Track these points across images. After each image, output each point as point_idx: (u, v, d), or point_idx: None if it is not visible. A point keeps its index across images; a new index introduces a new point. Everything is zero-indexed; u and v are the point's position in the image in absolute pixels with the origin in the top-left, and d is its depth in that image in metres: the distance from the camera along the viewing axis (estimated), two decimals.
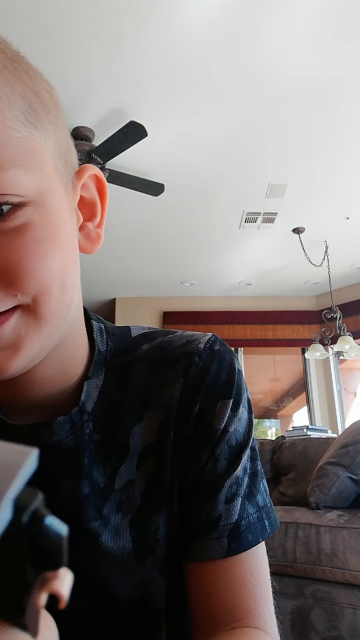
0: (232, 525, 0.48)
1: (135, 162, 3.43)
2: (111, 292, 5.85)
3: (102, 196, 0.47)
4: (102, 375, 0.50)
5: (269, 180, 3.69)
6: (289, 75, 2.73)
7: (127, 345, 0.54)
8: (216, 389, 0.50)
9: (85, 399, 0.48)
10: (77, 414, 0.48)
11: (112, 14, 2.35)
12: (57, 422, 0.47)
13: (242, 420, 0.51)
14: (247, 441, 0.51)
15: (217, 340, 0.54)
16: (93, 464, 0.49)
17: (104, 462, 0.49)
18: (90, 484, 0.48)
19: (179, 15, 2.35)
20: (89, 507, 0.48)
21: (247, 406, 0.52)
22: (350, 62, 2.64)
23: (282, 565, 1.92)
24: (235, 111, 3.00)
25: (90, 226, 0.47)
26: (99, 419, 0.49)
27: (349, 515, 1.90)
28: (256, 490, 0.51)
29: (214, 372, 0.51)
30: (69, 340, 0.46)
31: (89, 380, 0.49)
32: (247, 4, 2.30)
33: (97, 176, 0.46)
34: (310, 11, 2.34)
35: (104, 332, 0.53)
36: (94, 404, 0.49)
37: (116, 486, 0.49)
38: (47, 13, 2.34)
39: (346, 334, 4.39)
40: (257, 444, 2.94)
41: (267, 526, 0.50)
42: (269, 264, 5.10)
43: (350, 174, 3.60)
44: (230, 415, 0.50)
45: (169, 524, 0.50)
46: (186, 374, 0.51)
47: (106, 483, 0.49)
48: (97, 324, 0.53)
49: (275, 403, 6.61)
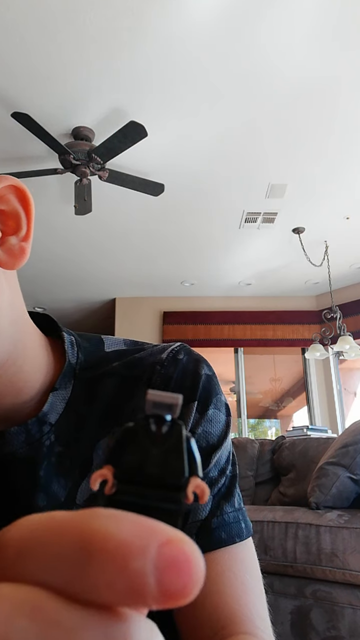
0: (200, 522, 0.48)
1: (135, 162, 3.43)
2: (111, 292, 5.85)
3: (25, 206, 0.43)
4: (70, 387, 0.49)
5: (269, 180, 3.69)
6: (289, 75, 2.73)
7: (98, 359, 0.53)
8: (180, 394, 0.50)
9: (49, 410, 0.48)
10: (34, 425, 0.47)
11: (112, 14, 2.35)
12: (9, 432, 0.46)
13: (214, 422, 0.50)
14: (220, 443, 0.50)
15: (182, 350, 0.53)
16: (53, 476, 0.48)
17: (66, 476, 0.48)
18: (47, 497, 0.47)
19: (179, 15, 2.35)
20: None
21: (221, 409, 0.51)
22: (350, 62, 2.64)
23: (282, 565, 1.92)
24: (235, 111, 3.00)
25: (13, 240, 0.42)
26: (63, 431, 0.48)
27: (349, 515, 1.90)
28: (234, 491, 0.51)
29: (176, 380, 0.51)
30: (12, 358, 0.44)
31: (55, 392, 0.48)
32: (247, 4, 2.30)
33: (15, 186, 0.43)
34: (310, 11, 2.34)
35: (75, 345, 0.52)
36: (58, 416, 0.48)
37: (78, 501, 0.48)
38: (47, 13, 2.34)
39: (346, 334, 4.39)
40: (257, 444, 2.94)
41: (244, 528, 0.49)
42: (269, 264, 5.10)
43: (351, 174, 3.60)
44: (197, 418, 0.49)
45: None
46: (149, 383, 0.50)
47: (67, 497, 0.48)
48: (68, 336, 0.52)
49: (275, 403, 6.61)
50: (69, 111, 2.99)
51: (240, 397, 5.71)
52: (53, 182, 3.65)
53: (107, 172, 3.25)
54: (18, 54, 2.56)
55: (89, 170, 3.16)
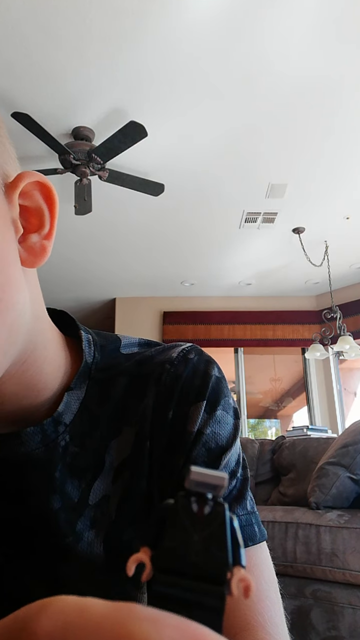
0: None
1: (135, 162, 3.43)
2: (111, 292, 5.85)
3: (50, 204, 0.42)
4: (84, 387, 0.49)
5: (269, 180, 3.69)
6: (289, 75, 2.73)
7: (113, 359, 0.52)
8: (189, 393, 0.49)
9: (64, 410, 0.47)
10: (50, 425, 0.46)
11: (113, 14, 2.35)
12: (26, 432, 0.45)
13: (222, 423, 0.49)
14: (229, 445, 0.49)
15: (192, 350, 0.53)
16: (67, 477, 0.47)
17: (79, 476, 0.48)
18: (62, 498, 0.47)
19: (179, 15, 2.35)
20: (60, 522, 0.46)
21: (229, 411, 0.50)
22: (350, 61, 2.64)
23: (282, 565, 1.92)
24: (235, 111, 3.00)
25: (35, 238, 0.42)
26: (77, 431, 0.48)
27: (349, 515, 1.90)
28: (246, 494, 0.50)
29: (186, 378, 0.50)
30: (32, 357, 0.44)
31: (70, 392, 0.48)
32: (247, 4, 2.30)
33: (41, 182, 0.42)
34: (310, 11, 2.34)
35: (92, 344, 0.52)
36: (73, 416, 0.48)
37: (90, 501, 0.48)
38: (47, 13, 2.34)
39: (346, 334, 4.39)
40: (258, 444, 2.95)
41: (257, 532, 0.48)
42: (269, 264, 5.10)
43: (351, 174, 3.60)
44: (205, 418, 0.48)
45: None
46: (158, 381, 0.50)
47: (80, 498, 0.47)
48: (85, 334, 0.51)
49: (275, 403, 6.61)
50: (69, 111, 2.99)
51: (240, 397, 5.71)
52: (53, 182, 3.65)
53: (107, 172, 3.25)
54: (18, 54, 2.56)
55: (89, 170, 3.16)
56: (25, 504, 0.47)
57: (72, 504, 0.47)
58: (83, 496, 0.47)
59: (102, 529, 0.47)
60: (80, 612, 0.14)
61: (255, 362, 6.10)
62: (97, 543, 0.47)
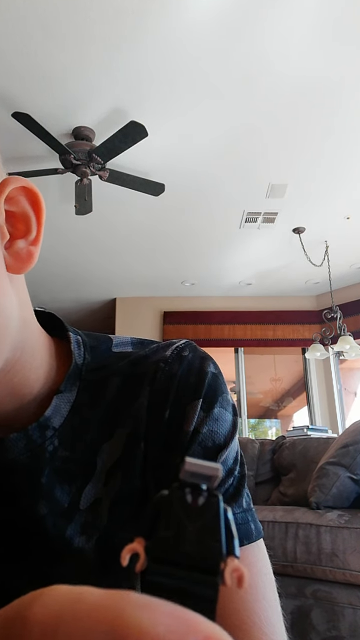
0: None
1: (135, 162, 3.43)
2: (111, 292, 5.85)
3: (36, 209, 0.42)
4: (75, 390, 0.47)
5: (269, 180, 3.69)
6: (289, 75, 2.73)
7: (105, 359, 0.51)
8: (185, 392, 0.48)
9: (52, 414, 0.46)
10: (35, 431, 0.45)
11: (113, 14, 2.35)
12: (9, 439, 0.44)
13: (220, 421, 0.48)
14: (227, 442, 0.48)
15: (187, 347, 0.51)
16: (55, 483, 0.46)
17: (70, 481, 0.47)
18: (50, 504, 0.46)
19: (179, 15, 2.36)
20: (49, 527, 0.46)
21: (227, 408, 0.49)
22: (350, 62, 2.64)
23: (282, 565, 1.92)
24: (235, 111, 3.00)
25: (22, 244, 0.41)
26: (67, 435, 0.46)
27: (349, 515, 1.90)
28: (243, 492, 0.49)
29: (181, 377, 0.49)
30: (19, 363, 0.43)
31: (60, 395, 0.46)
32: (247, 4, 2.30)
33: (27, 188, 0.41)
34: (310, 11, 2.34)
35: (81, 345, 0.50)
36: (63, 419, 0.46)
37: (81, 506, 0.47)
38: (47, 13, 2.34)
39: (346, 334, 4.39)
40: (258, 444, 2.95)
41: (253, 529, 0.47)
42: (269, 264, 5.10)
43: (351, 174, 3.60)
44: (202, 416, 0.47)
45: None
46: (153, 381, 0.49)
47: (70, 503, 0.46)
48: (74, 336, 0.50)
49: (275, 403, 6.60)
50: (69, 111, 2.99)
51: (240, 397, 5.71)
52: (53, 182, 3.65)
53: (108, 172, 3.25)
54: (19, 54, 2.56)
55: (89, 170, 3.16)
56: (17, 506, 0.46)
57: (62, 510, 0.46)
58: (73, 501, 0.47)
59: (94, 533, 0.47)
60: (74, 600, 0.14)
61: (255, 362, 6.10)
62: (88, 548, 0.46)
